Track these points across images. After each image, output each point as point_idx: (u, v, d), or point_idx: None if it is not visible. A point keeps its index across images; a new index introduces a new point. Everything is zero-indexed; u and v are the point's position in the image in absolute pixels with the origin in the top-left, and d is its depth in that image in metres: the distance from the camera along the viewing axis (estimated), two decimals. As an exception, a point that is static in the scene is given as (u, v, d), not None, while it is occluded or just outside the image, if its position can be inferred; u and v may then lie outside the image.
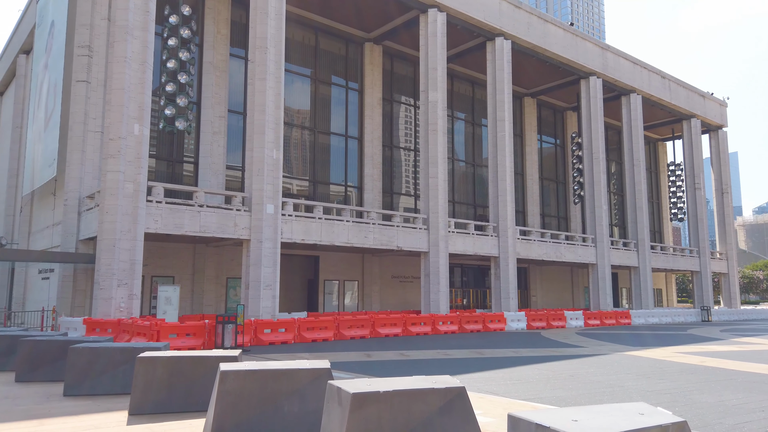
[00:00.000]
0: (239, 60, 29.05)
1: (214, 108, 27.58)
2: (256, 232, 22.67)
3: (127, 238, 19.43)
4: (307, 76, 32.18)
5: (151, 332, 16.81)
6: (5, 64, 38.67)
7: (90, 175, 22.59)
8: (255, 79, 23.50)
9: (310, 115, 32.17)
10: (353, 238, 26.48)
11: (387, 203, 34.41)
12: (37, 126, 28.03)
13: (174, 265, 26.12)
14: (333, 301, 31.99)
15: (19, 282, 29.94)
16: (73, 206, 22.47)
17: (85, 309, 21.93)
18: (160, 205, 20.86)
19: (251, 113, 23.56)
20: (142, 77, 20.45)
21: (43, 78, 27.97)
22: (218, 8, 28.18)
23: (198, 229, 21.62)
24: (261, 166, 22.96)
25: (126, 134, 19.82)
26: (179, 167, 27.15)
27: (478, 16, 31.83)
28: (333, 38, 33.19)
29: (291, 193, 30.26)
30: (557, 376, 12.43)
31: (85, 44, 23.30)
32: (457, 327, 26.62)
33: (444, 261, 28.94)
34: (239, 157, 28.45)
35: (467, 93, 40.56)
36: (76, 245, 22.19)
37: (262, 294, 22.17)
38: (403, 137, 36.40)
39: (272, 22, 23.74)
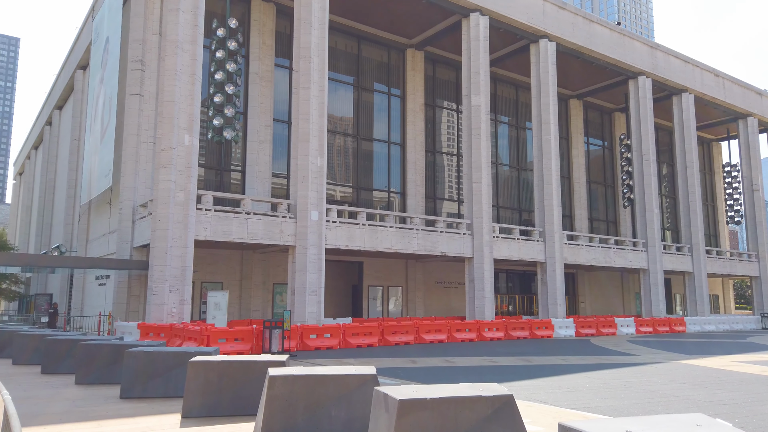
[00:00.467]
0: (284, 70, 29.61)
1: (260, 117, 28.17)
2: (301, 238, 22.98)
3: (179, 246, 20.02)
4: (349, 83, 32.50)
5: (201, 337, 17.25)
6: (64, 80, 40.59)
7: (143, 184, 23.41)
8: (299, 88, 23.90)
9: (353, 122, 32.45)
10: (397, 244, 26.51)
11: (430, 209, 34.32)
12: (94, 138, 29.28)
13: (222, 271, 26.76)
14: (377, 306, 32.08)
15: (78, 288, 31.27)
16: (128, 215, 23.33)
17: (139, 314, 22.69)
18: (209, 213, 21.44)
19: (296, 122, 23.96)
20: (192, 89, 21.08)
21: (99, 92, 29.22)
22: (263, 20, 28.81)
23: (245, 236, 22.09)
24: (305, 174, 23.29)
25: (177, 145, 20.46)
26: (227, 176, 27.83)
27: (522, 18, 31.47)
28: (375, 45, 33.43)
29: (335, 200, 30.56)
30: (608, 385, 12.09)
31: (137, 59, 24.22)
32: (503, 334, 26.24)
33: (489, 267, 28.62)
34: (284, 164, 28.95)
35: (511, 96, 40.09)
36: (130, 252, 23.01)
37: (307, 300, 22.44)
38: (446, 142, 36.26)
39: (316, 31, 24.11)
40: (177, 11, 20.93)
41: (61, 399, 9.52)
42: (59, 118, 43.43)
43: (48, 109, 46.79)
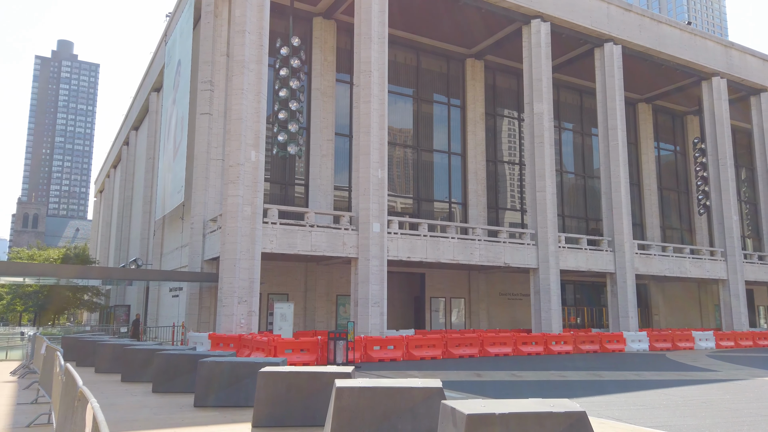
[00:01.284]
0: (345, 84, 30.15)
1: (322, 132, 28.77)
2: (364, 250, 23.20)
3: (246, 258, 20.66)
4: (409, 95, 32.69)
5: (268, 347, 17.67)
6: (139, 102, 42.98)
7: (213, 199, 24.34)
8: (360, 102, 24.26)
9: (413, 133, 32.57)
10: (459, 255, 26.28)
11: (492, 219, 33.84)
12: (167, 157, 30.78)
13: (288, 282, 27.37)
14: (440, 318, 31.84)
15: (153, 299, 32.82)
16: (199, 229, 24.31)
17: (210, 324, 23.52)
18: (275, 227, 22.03)
19: (357, 135, 24.31)
20: (258, 107, 21.82)
21: (171, 112, 30.74)
22: (325, 37, 29.49)
23: (309, 249, 22.53)
24: (367, 186, 23.54)
25: (244, 161, 21.19)
26: (291, 189, 28.54)
27: (585, 23, 30.71)
28: (434, 57, 33.50)
29: (396, 211, 30.69)
30: (688, 403, 11.45)
31: (207, 79, 25.33)
32: (572, 347, 25.41)
33: (555, 278, 27.86)
34: (346, 177, 29.39)
35: (575, 102, 39.10)
36: (201, 265, 23.94)
37: (370, 311, 22.57)
38: (507, 151, 35.75)
39: (375, 46, 24.44)
40: (243, 33, 21.78)
41: (141, 407, 9.98)
42: (135, 138, 45.97)
43: (125, 130, 49.64)
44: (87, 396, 4.10)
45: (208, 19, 25.61)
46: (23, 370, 15.60)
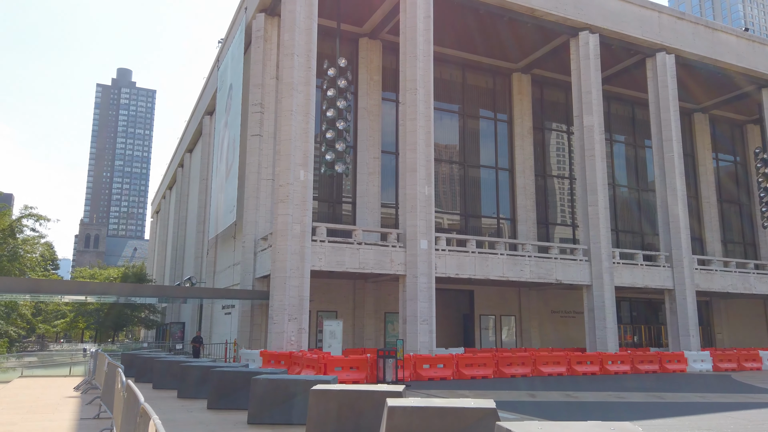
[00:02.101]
0: (390, 103, 30.40)
1: (368, 150, 29.03)
2: (411, 267, 23.13)
3: (296, 276, 20.94)
4: (454, 111, 32.65)
5: (318, 365, 17.77)
6: (193, 126, 44.58)
7: (264, 218, 24.85)
8: (406, 119, 24.39)
9: (459, 149, 32.45)
10: (508, 272, 25.84)
11: (542, 234, 33.18)
12: (219, 177, 31.72)
13: (336, 300, 27.53)
14: (489, 336, 31.29)
15: (207, 316, 33.63)
16: (250, 247, 24.83)
17: (261, 341, 23.87)
18: (323, 244, 22.27)
19: (403, 152, 24.41)
20: (306, 127, 22.24)
21: (223, 135, 31.72)
22: (370, 57, 29.90)
23: (357, 266, 22.64)
24: (414, 203, 23.54)
25: (293, 180, 21.59)
26: (338, 207, 28.84)
27: (635, 33, 30.02)
28: (480, 72, 33.40)
29: (443, 228, 30.52)
30: (759, 428, 10.80)
31: (257, 102, 26.05)
32: (629, 367, 24.45)
33: (609, 295, 26.98)
34: (392, 194, 29.49)
35: (626, 114, 38.13)
36: (252, 283, 24.41)
37: (419, 329, 22.41)
38: (556, 165, 35.10)
39: (420, 64, 24.58)
40: (292, 56, 22.34)
41: (197, 423, 10.19)
42: (190, 160, 47.61)
43: (180, 153, 51.52)
44: (149, 413, 4.22)
45: (258, 44, 26.41)
46: (86, 385, 16.21)
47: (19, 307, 40.01)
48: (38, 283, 24.51)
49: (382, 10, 27.85)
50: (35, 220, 38.02)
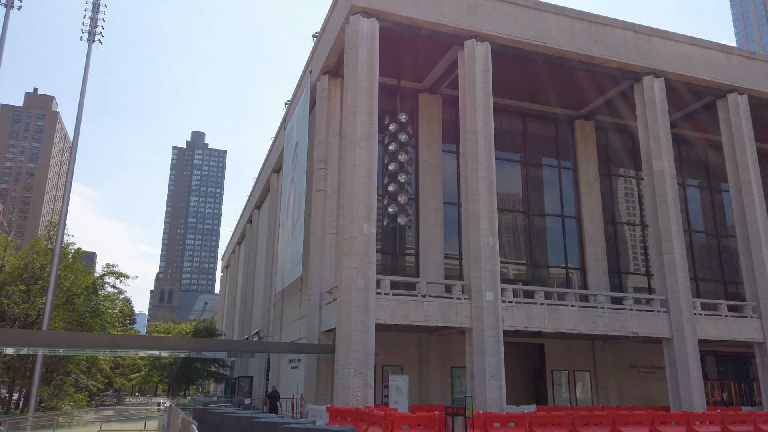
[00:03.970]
0: (451, 154, 30.62)
1: (430, 201, 29.15)
2: (477, 320, 22.60)
3: (361, 329, 20.88)
4: (516, 160, 32.44)
5: (385, 422, 17.39)
6: (261, 183, 46.43)
7: (328, 272, 25.16)
8: (467, 170, 24.43)
9: (522, 198, 32.02)
10: (580, 324, 24.75)
11: (615, 284, 31.76)
12: (286, 232, 32.61)
13: (401, 354, 27.15)
14: (563, 393, 29.76)
15: (274, 370, 33.92)
16: (315, 301, 25.11)
17: (327, 396, 23.73)
18: (387, 297, 22.21)
19: (465, 203, 24.34)
20: (369, 181, 22.67)
21: (290, 191, 32.80)
22: (430, 111, 30.46)
23: (422, 319, 22.36)
24: (478, 254, 23.23)
25: (357, 233, 21.88)
26: (402, 259, 28.85)
27: (703, 75, 29.18)
28: (540, 121, 33.25)
29: (508, 278, 29.81)
30: None
31: (322, 158, 26.90)
32: (720, 428, 22.45)
33: (692, 348, 25.23)
34: (456, 245, 29.25)
35: (698, 157, 36.66)
36: (318, 337, 24.52)
37: (488, 385, 21.65)
38: (626, 212, 33.91)
39: (480, 115, 24.78)
40: (354, 114, 23.09)
41: (264, 480, 10.12)
42: (258, 216, 49.37)
43: (249, 209, 53.57)
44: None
45: (323, 104, 27.53)
46: (159, 439, 16.54)
47: (99, 362, 41.85)
48: (118, 339, 25.63)
49: (440, 67, 28.52)
50: (116, 277, 40.19)
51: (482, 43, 25.50)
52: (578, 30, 27.24)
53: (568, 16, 27.29)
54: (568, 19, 27.25)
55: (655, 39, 28.83)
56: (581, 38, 27.16)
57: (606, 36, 27.72)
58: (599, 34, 27.62)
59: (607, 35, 27.75)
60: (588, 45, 27.16)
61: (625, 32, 28.25)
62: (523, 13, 26.57)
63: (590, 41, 27.28)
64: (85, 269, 39.82)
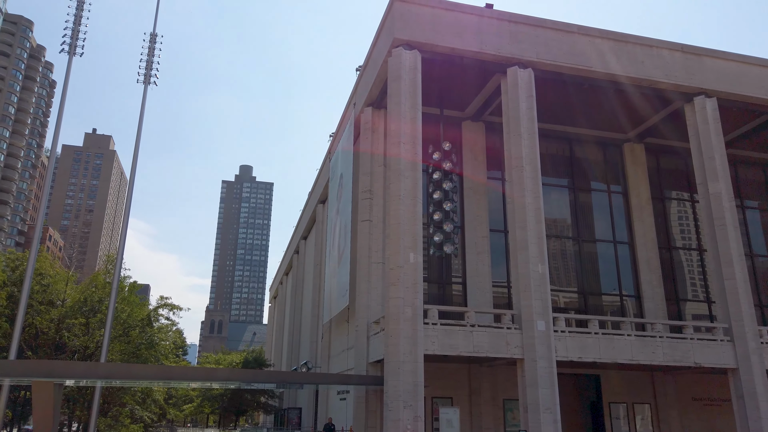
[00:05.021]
0: (496, 181, 30.35)
1: (476, 229, 28.86)
2: (529, 350, 21.99)
3: (409, 360, 20.61)
4: (564, 186, 31.85)
5: (436, 456, 16.99)
6: (307, 214, 47.13)
7: (375, 302, 25.11)
8: (514, 197, 24.14)
9: (571, 223, 31.30)
10: (638, 355, 23.73)
11: (673, 312, 30.42)
12: (332, 263, 32.84)
13: (451, 385, 26.61)
14: (621, 427, 28.41)
15: (323, 402, 33.80)
16: (363, 331, 25.02)
17: (377, 429, 23.42)
18: (435, 327, 21.92)
19: (512, 230, 23.98)
20: (414, 210, 22.67)
21: (335, 222, 33.15)
22: (474, 138, 30.41)
23: (471, 350, 21.92)
24: (527, 282, 22.74)
25: (403, 263, 21.80)
26: (448, 288, 28.52)
27: (757, 93, 28.14)
28: (587, 145, 32.62)
29: (559, 307, 29.00)
30: None
31: (366, 189, 27.14)
32: (797, 466, 20.93)
33: (761, 380, 23.75)
34: (503, 272, 28.75)
35: (757, 177, 35.13)
36: (366, 368, 24.34)
37: (542, 418, 20.92)
38: (681, 236, 32.64)
39: (525, 141, 24.57)
40: (398, 144, 23.28)
41: None
42: (304, 247, 49.99)
43: (296, 240, 54.32)
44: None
45: (367, 135, 27.91)
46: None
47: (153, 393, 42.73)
48: (172, 371, 26.16)
49: (483, 94, 28.55)
50: (169, 309, 41.24)
51: (525, 69, 25.44)
52: (623, 52, 26.85)
53: (612, 39, 26.98)
54: (612, 42, 26.92)
55: (705, 58, 28.10)
56: (627, 60, 26.74)
57: (653, 57, 27.20)
58: (645, 55, 27.13)
59: (653, 56, 27.23)
60: (634, 67, 26.70)
61: (673, 53, 27.66)
62: (565, 38, 26.43)
63: (636, 63, 26.81)
64: (141, 302, 41.05)
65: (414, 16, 24.81)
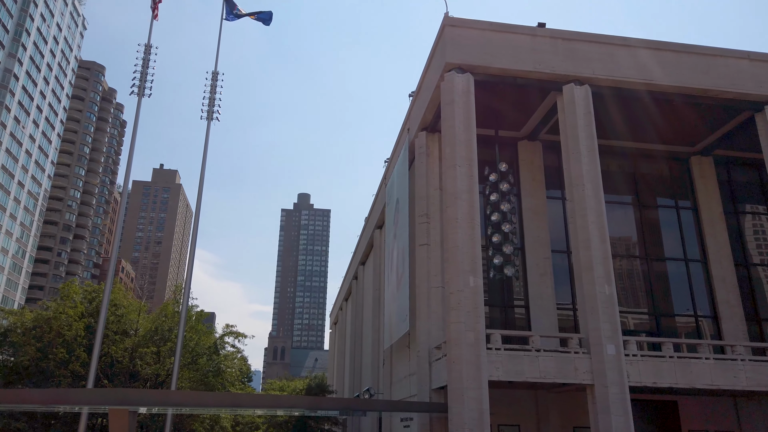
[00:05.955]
0: (556, 201, 29.68)
1: (537, 250, 28.22)
2: (599, 376, 21.10)
3: (473, 387, 20.19)
4: (627, 203, 30.75)
5: (505, 487, 16.45)
6: (365, 240, 47.47)
7: (436, 327, 24.84)
8: (575, 217, 23.52)
9: (638, 241, 30.10)
10: (718, 379, 22.31)
11: (754, 333, 28.52)
12: (391, 288, 32.83)
13: (517, 412, 25.82)
14: (704, 456, 26.65)
15: (386, 429, 33.49)
16: (425, 357, 24.76)
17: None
18: (499, 352, 21.43)
19: (576, 251, 23.30)
20: (472, 233, 22.44)
21: (393, 246, 33.22)
22: (531, 158, 29.95)
23: (538, 375, 21.25)
24: (594, 304, 21.95)
25: (463, 287, 21.54)
26: (510, 312, 27.89)
27: (836, 96, 26.45)
28: (651, 160, 31.48)
29: (628, 329, 27.75)
30: None
31: (423, 213, 27.13)
32: None
33: None
34: (567, 294, 27.88)
35: (842, 186, 32.76)
36: (429, 394, 24.00)
37: (616, 447, 19.92)
38: (758, 252, 30.72)
39: (585, 159, 23.99)
40: (454, 167, 23.23)
41: None
42: (363, 272, 50.25)
43: (354, 266, 54.72)
44: None
45: (421, 159, 28.01)
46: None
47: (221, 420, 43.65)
48: (239, 398, 26.69)
49: (539, 113, 28.17)
50: (234, 337, 42.27)
51: (582, 86, 24.97)
52: (685, 63, 25.94)
53: (672, 51, 26.14)
54: (673, 54, 26.09)
55: (776, 64, 26.75)
56: (690, 71, 25.80)
57: (717, 67, 26.13)
58: (709, 66, 26.09)
59: (718, 66, 26.16)
60: (698, 78, 25.71)
61: (739, 61, 26.48)
62: (622, 52, 25.84)
63: (700, 74, 25.82)
64: (207, 330, 42.28)
65: (465, 39, 24.93)
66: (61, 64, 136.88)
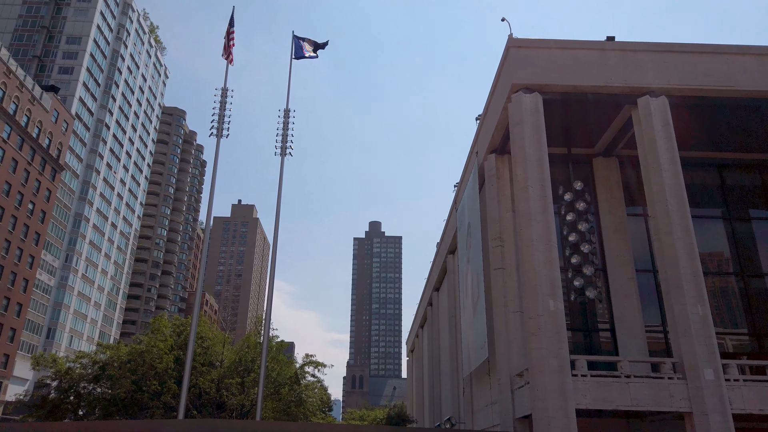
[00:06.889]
0: (638, 217, 28.38)
1: (620, 270, 26.97)
2: (698, 403, 19.68)
3: (559, 416, 19.38)
4: (717, 216, 28.89)
5: None
6: (438, 266, 47.18)
7: (516, 353, 24.14)
8: (659, 233, 22.37)
9: (731, 257, 28.11)
10: (837, 405, 20.23)
11: None
12: (467, 313, 32.32)
13: (609, 443, 24.45)
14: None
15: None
16: (506, 385, 24.05)
17: (530, 491, 22.02)
18: (585, 379, 20.49)
19: (662, 270, 22.10)
20: (549, 255, 21.80)
21: (466, 271, 32.80)
22: (607, 174, 28.89)
23: (629, 403, 20.09)
24: (686, 326, 20.63)
25: (543, 311, 20.88)
26: (595, 336, 26.68)
27: None
28: (740, 170, 29.52)
29: (727, 352, 25.79)
30: None
31: (496, 236, 26.69)
32: None
33: None
34: (655, 316, 26.36)
35: None
36: (513, 424, 23.23)
37: (722, 481, 18.39)
38: None
39: (667, 173, 22.88)
40: (526, 188, 22.80)
41: None
42: (437, 298, 49.84)
43: (428, 292, 54.41)
44: None
45: (492, 182, 27.70)
46: None
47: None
48: (322, 428, 26.92)
49: (613, 128, 27.23)
50: (314, 366, 42.86)
51: (657, 98, 23.99)
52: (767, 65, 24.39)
53: (754, 54, 24.70)
54: (755, 57, 24.64)
55: None
56: (777, 73, 24.21)
57: (808, 66, 24.37)
58: (799, 65, 24.39)
59: (809, 65, 24.39)
60: (787, 79, 24.07)
61: (833, 58, 24.60)
62: (698, 59, 24.69)
63: (789, 75, 24.16)
64: (288, 360, 43.13)
65: (531, 59, 24.69)
66: (146, 112, 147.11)
